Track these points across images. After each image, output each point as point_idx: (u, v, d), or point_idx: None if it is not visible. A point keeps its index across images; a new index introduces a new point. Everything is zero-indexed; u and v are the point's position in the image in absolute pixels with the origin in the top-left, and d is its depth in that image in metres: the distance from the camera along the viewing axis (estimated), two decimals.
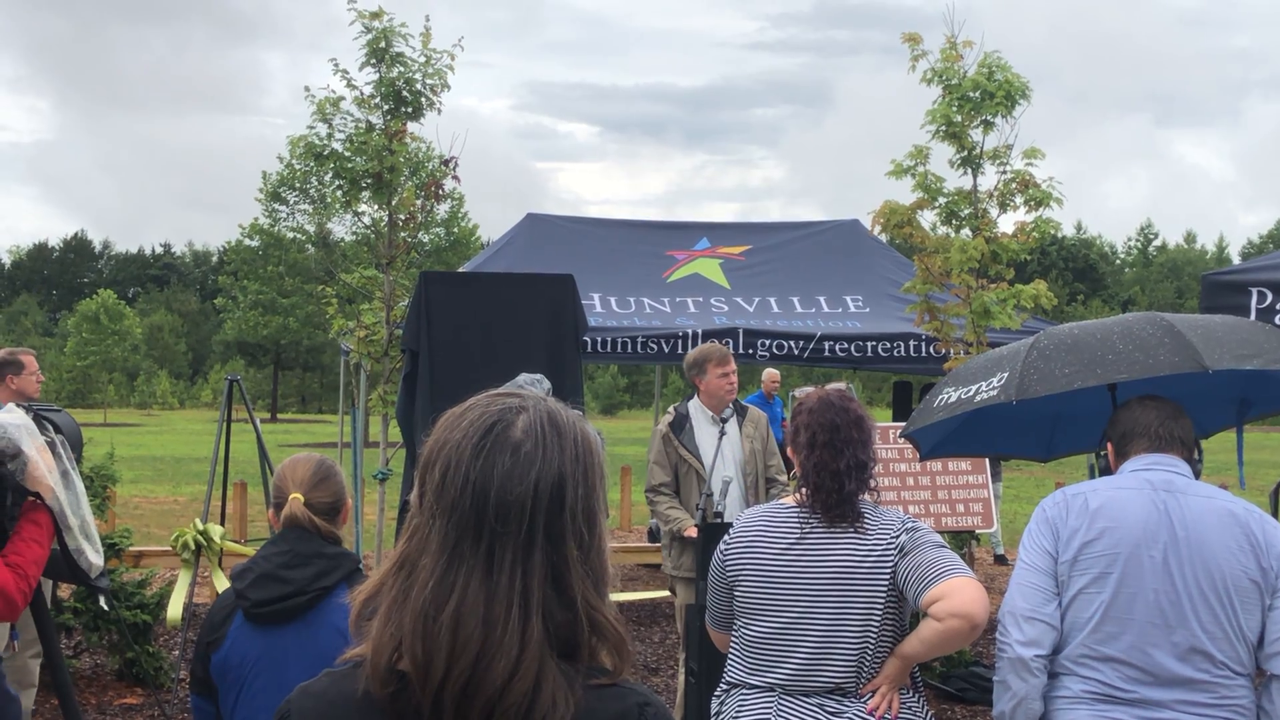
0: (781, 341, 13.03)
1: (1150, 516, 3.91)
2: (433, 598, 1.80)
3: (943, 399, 4.99)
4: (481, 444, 1.84)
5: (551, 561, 1.83)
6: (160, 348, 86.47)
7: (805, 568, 4.12)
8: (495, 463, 1.82)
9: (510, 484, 1.82)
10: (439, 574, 1.81)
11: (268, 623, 3.64)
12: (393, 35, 11.34)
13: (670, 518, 7.55)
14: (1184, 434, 4.12)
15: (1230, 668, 3.82)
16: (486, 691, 1.77)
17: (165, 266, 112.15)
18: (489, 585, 1.80)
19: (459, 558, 1.81)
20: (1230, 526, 3.89)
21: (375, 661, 1.83)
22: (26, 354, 8.31)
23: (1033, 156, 10.79)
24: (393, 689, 1.82)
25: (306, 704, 1.94)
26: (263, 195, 66.83)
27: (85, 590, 8.47)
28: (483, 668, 1.77)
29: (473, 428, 1.86)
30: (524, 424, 1.86)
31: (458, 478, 1.83)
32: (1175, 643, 3.82)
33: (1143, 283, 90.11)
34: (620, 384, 77.46)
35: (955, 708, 8.91)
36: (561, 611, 1.83)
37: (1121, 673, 3.85)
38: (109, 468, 9.72)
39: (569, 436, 1.88)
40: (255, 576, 3.67)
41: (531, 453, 1.84)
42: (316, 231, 63.50)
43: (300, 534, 3.70)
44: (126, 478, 18.46)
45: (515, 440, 1.84)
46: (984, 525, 9.97)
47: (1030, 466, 29.39)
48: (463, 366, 8.69)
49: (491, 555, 1.81)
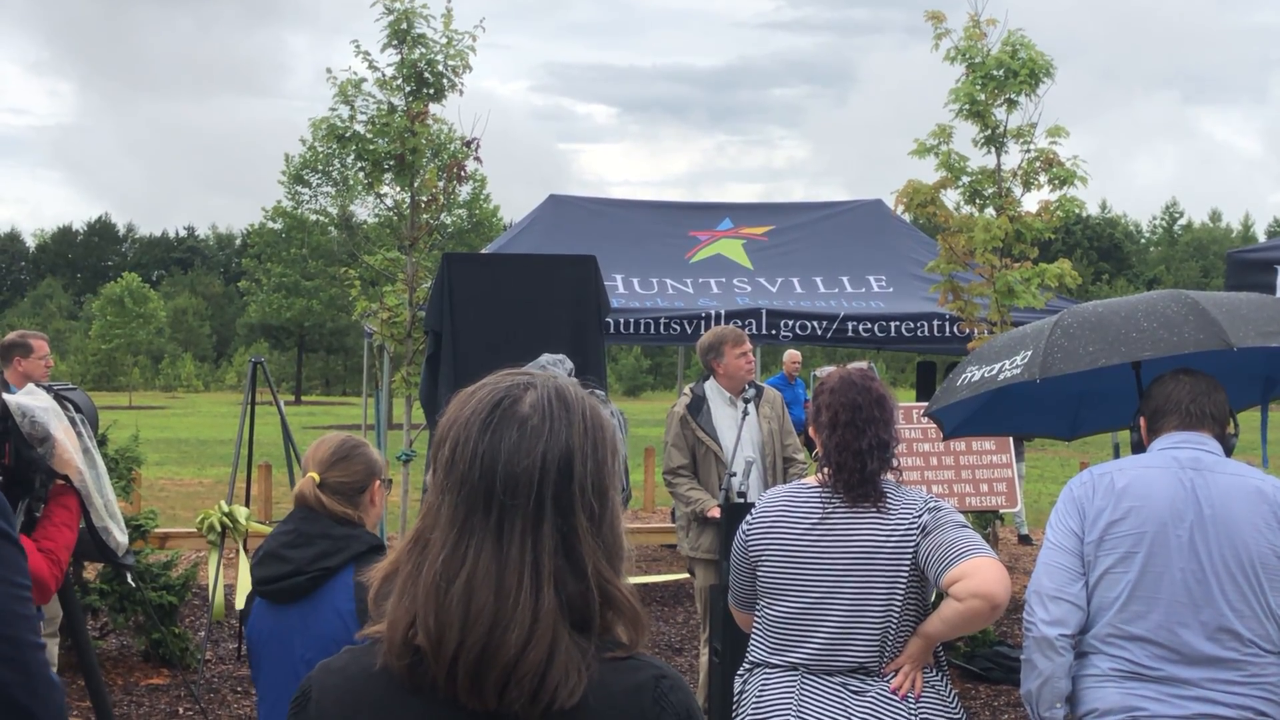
0: (805, 322, 13.02)
1: (1177, 495, 3.90)
2: (444, 570, 1.83)
3: (966, 378, 4.97)
4: (489, 419, 1.87)
5: (562, 533, 1.85)
6: (184, 331, 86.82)
7: (828, 547, 4.11)
8: (503, 436, 1.86)
9: (517, 456, 1.84)
10: (450, 547, 1.84)
11: (276, 600, 3.68)
12: (414, 17, 11.33)
13: (691, 499, 7.54)
14: (1216, 409, 4.08)
15: (1259, 645, 3.81)
16: (500, 661, 1.79)
17: (189, 250, 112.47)
18: (500, 556, 1.82)
19: (469, 530, 1.84)
20: (1258, 504, 3.87)
21: (391, 636, 1.86)
22: (38, 338, 8.31)
23: (1057, 135, 10.72)
24: (409, 662, 1.84)
25: (328, 680, 1.96)
26: (285, 178, 67.06)
27: (111, 571, 8.52)
28: (496, 637, 1.79)
29: (481, 404, 1.90)
30: (531, 399, 1.89)
31: (466, 452, 1.86)
32: (1203, 621, 3.81)
33: (1168, 262, 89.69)
34: (643, 365, 77.50)
35: (980, 687, 8.90)
36: (574, 582, 1.85)
37: (1149, 651, 3.84)
38: (134, 450, 9.75)
39: (577, 411, 1.91)
40: (262, 555, 3.71)
41: (539, 426, 1.87)
42: (339, 214, 63.63)
43: (307, 514, 3.72)
44: (151, 460, 18.59)
45: (523, 415, 1.87)
46: (1008, 505, 9.95)
47: (1054, 446, 29.35)
48: (485, 348, 8.69)
49: (501, 527, 1.83)
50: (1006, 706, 8.51)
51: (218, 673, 9.13)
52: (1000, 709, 8.49)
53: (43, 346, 8.24)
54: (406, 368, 11.22)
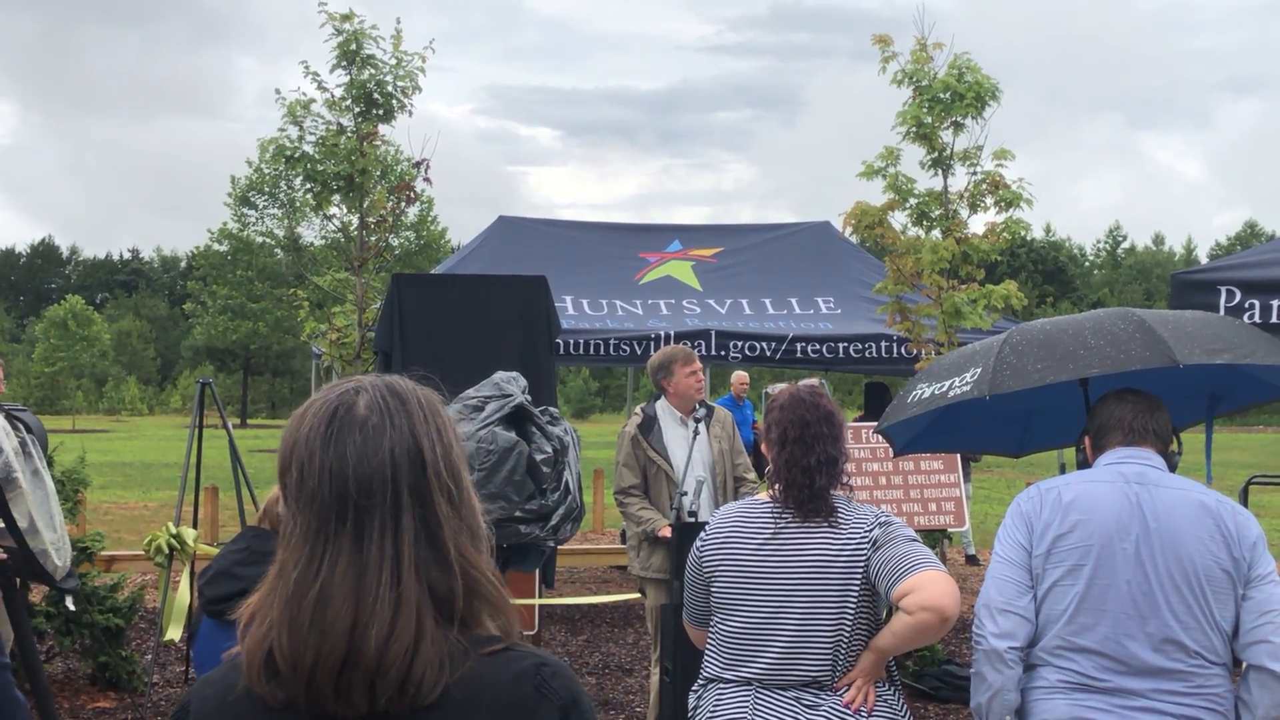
0: (754, 343, 13.08)
1: (1123, 509, 3.95)
2: (295, 588, 1.81)
3: (916, 394, 5.02)
4: (329, 430, 1.85)
5: (423, 521, 1.84)
6: (129, 354, 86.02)
7: (780, 563, 4.14)
8: (346, 443, 1.84)
9: (365, 457, 1.83)
10: (303, 564, 1.82)
11: (226, 620, 3.65)
12: (363, 38, 11.34)
13: (642, 519, 7.56)
14: (1159, 427, 4.16)
15: (1205, 656, 3.86)
16: (363, 662, 1.77)
17: (133, 272, 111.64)
18: (359, 560, 1.81)
19: (324, 542, 1.82)
20: (1202, 517, 3.93)
21: (249, 661, 1.84)
22: None
23: (1003, 157, 10.86)
24: (269, 685, 1.83)
25: (205, 693, 1.94)
26: (231, 200, 66.62)
27: (56, 594, 8.43)
28: (356, 639, 1.77)
29: (318, 418, 1.87)
30: (365, 401, 1.88)
31: (313, 467, 1.84)
32: (1149, 633, 3.86)
33: (1111, 285, 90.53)
34: (592, 388, 77.48)
35: (929, 706, 8.94)
36: (436, 569, 1.83)
37: (1097, 663, 3.89)
38: (80, 472, 9.66)
39: (412, 402, 1.90)
40: (213, 574, 3.70)
41: (379, 424, 1.85)
42: (286, 235, 63.28)
43: (259, 532, 3.72)
44: (96, 483, 18.34)
45: (360, 417, 1.86)
46: (956, 524, 10.02)
47: (1001, 467, 29.57)
48: (436, 368, 8.63)
49: (360, 529, 1.82)
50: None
51: (165, 695, 9.03)
52: None
53: None
54: None
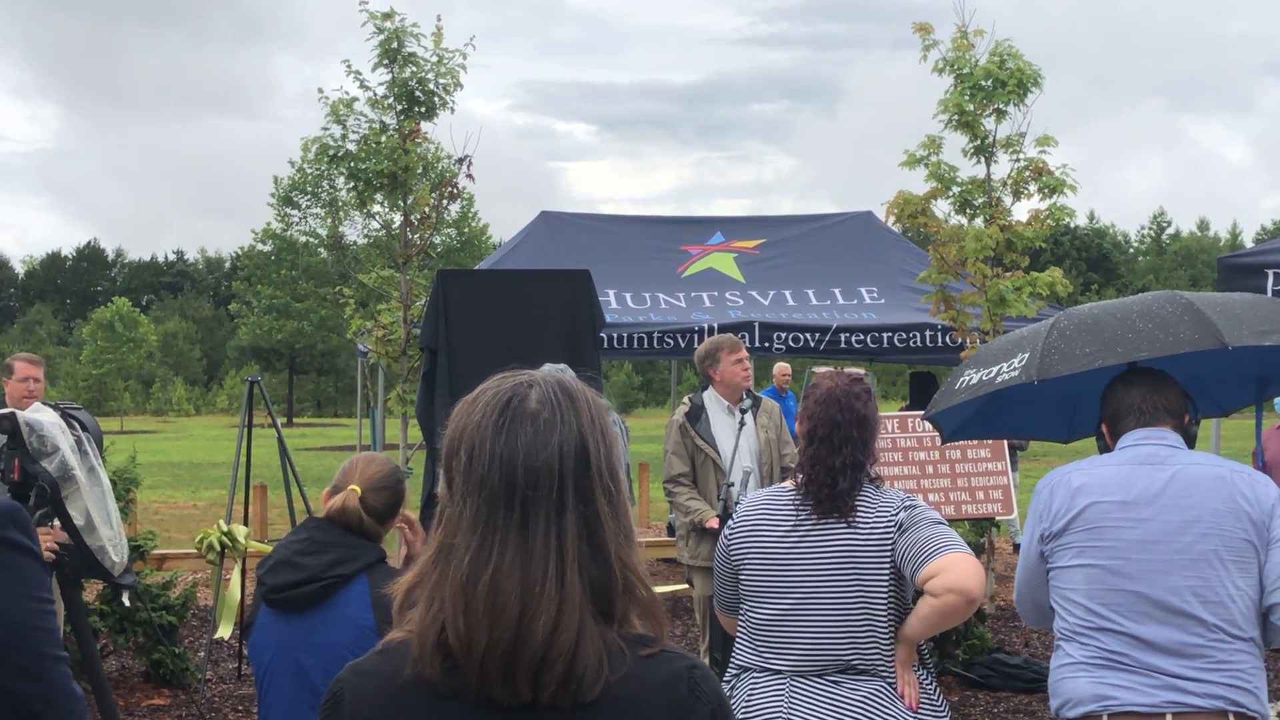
0: (797, 334, 13.06)
1: (1133, 489, 4.00)
2: (469, 571, 1.86)
3: (964, 381, 5.01)
4: (501, 420, 1.91)
5: (585, 518, 1.90)
6: (175, 354, 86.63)
7: (806, 551, 4.15)
8: (518, 434, 1.89)
9: (535, 450, 1.89)
10: (474, 548, 1.87)
11: (286, 609, 3.69)
12: (405, 35, 11.39)
13: (690, 509, 7.58)
14: (1169, 403, 4.19)
15: (1225, 631, 3.86)
16: (529, 652, 1.83)
17: (178, 273, 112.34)
18: (524, 550, 1.86)
19: (493, 529, 1.87)
20: (1218, 490, 3.95)
21: (421, 644, 1.89)
22: (22, 360, 8.23)
23: (1045, 144, 10.81)
24: (441, 667, 1.87)
25: (360, 683, 1.98)
26: (275, 199, 66.93)
27: (110, 592, 8.52)
28: (524, 628, 1.83)
29: (490, 407, 1.93)
30: (538, 395, 1.93)
31: (484, 454, 1.89)
32: (1166, 610, 3.89)
33: (1156, 271, 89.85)
34: (635, 382, 77.45)
35: (979, 694, 8.92)
36: (597, 567, 1.89)
37: (1119, 641, 3.93)
38: (131, 471, 9.77)
39: (581, 401, 1.96)
40: (273, 563, 3.73)
41: (550, 419, 1.91)
42: (329, 234, 63.55)
43: (320, 523, 3.76)
44: (146, 483, 18.49)
45: (532, 410, 1.91)
46: (1004, 512, 9.98)
47: (1047, 455, 29.41)
48: (481, 363, 8.63)
49: (525, 521, 1.87)
50: (1006, 713, 8.53)
51: (218, 692, 9.12)
52: (999, 715, 8.51)
53: (24, 369, 8.17)
54: (402, 385, 11.24)
